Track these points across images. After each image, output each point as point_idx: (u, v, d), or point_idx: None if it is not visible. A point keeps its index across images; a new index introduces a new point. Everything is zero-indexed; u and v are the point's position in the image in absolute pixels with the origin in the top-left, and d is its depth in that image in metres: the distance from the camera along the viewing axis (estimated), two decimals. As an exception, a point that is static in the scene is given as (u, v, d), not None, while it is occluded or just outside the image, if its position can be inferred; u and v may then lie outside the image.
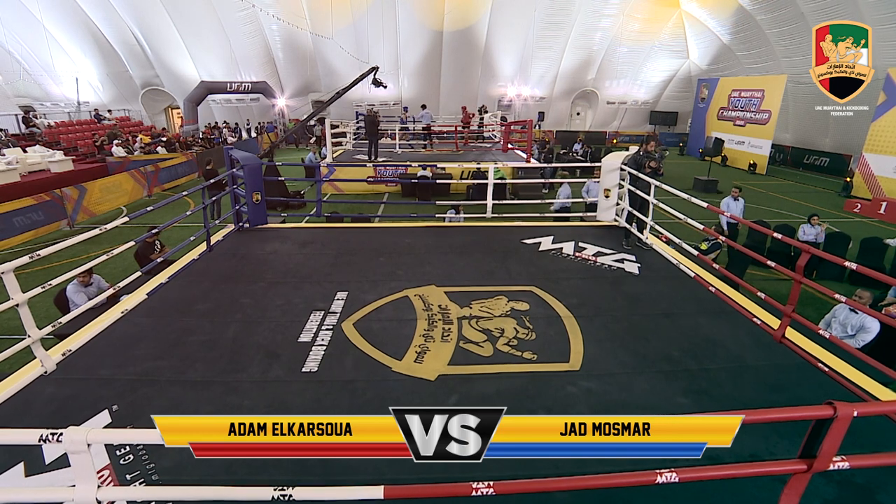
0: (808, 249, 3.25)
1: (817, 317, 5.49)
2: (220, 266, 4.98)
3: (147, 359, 3.32)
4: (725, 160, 19.98)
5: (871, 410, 1.58)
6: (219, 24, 21.46)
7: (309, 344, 3.52)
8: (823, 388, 3.07)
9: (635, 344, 3.58)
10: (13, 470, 2.32)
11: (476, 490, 1.50)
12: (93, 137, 16.76)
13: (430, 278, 4.68)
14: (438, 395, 2.99)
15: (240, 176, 5.91)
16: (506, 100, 25.87)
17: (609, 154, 6.34)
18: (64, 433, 1.33)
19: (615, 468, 2.21)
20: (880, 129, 14.11)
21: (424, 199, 12.33)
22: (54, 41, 20.62)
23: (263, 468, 2.34)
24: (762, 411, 1.50)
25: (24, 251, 8.96)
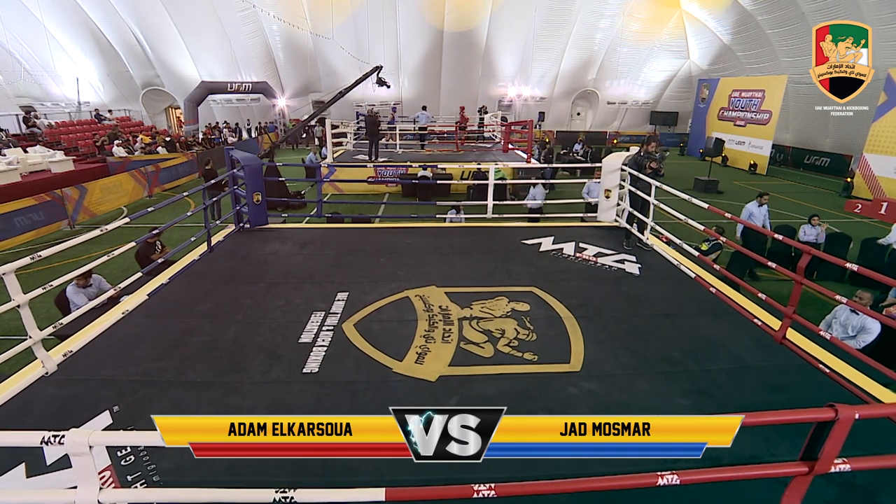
0: (808, 251, 3.25)
1: (818, 317, 5.49)
2: (221, 266, 4.98)
3: (148, 359, 3.32)
4: (726, 160, 19.98)
5: (873, 413, 1.58)
6: (219, 23, 21.47)
7: (310, 345, 3.52)
8: (824, 390, 3.07)
9: (636, 345, 3.58)
10: (14, 471, 2.32)
11: (477, 492, 1.49)
12: (93, 137, 16.77)
13: (431, 279, 4.68)
14: (439, 396, 2.99)
15: (240, 176, 5.91)
16: (506, 100, 25.88)
17: (610, 155, 6.34)
18: (66, 435, 1.33)
19: (616, 470, 2.21)
20: (881, 129, 14.10)
21: (425, 199, 12.34)
22: (55, 41, 20.64)
23: (264, 469, 2.34)
24: (764, 413, 1.50)
25: (25, 251, 8.97)
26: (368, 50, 22.67)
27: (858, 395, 2.97)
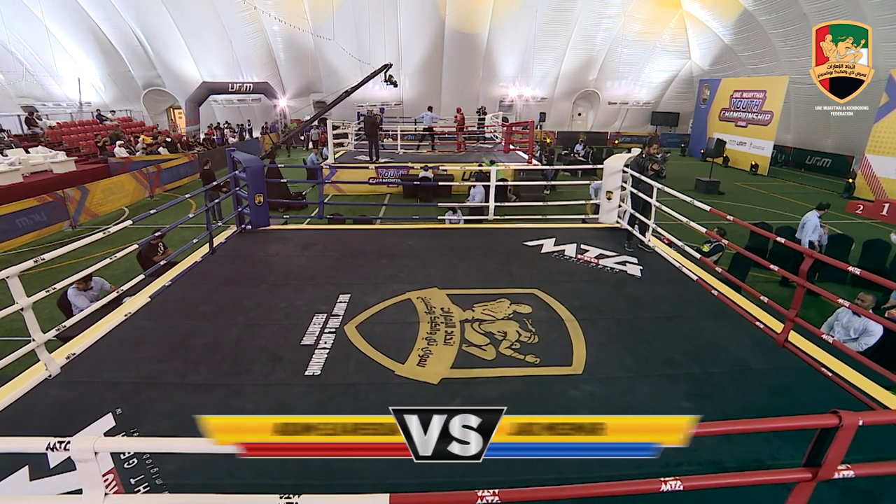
0: (811, 254, 3.25)
1: (819, 319, 5.49)
2: (223, 268, 4.99)
3: (150, 362, 3.32)
4: (727, 161, 19.95)
5: (877, 419, 1.58)
6: (220, 24, 21.48)
7: (312, 347, 3.53)
8: (826, 393, 3.07)
9: (637, 347, 3.58)
10: (18, 473, 2.32)
11: (481, 498, 1.49)
12: (95, 138, 16.79)
13: (433, 281, 4.68)
14: (441, 398, 2.99)
15: (242, 178, 5.92)
16: (507, 100, 25.88)
17: (611, 156, 6.34)
18: (71, 442, 1.34)
19: (619, 474, 2.21)
20: (883, 130, 14.07)
21: (426, 200, 12.33)
22: (56, 42, 20.68)
23: (266, 472, 2.35)
24: (769, 420, 1.50)
25: (27, 252, 8.99)
26: (370, 50, 22.65)
27: (861, 398, 2.97)
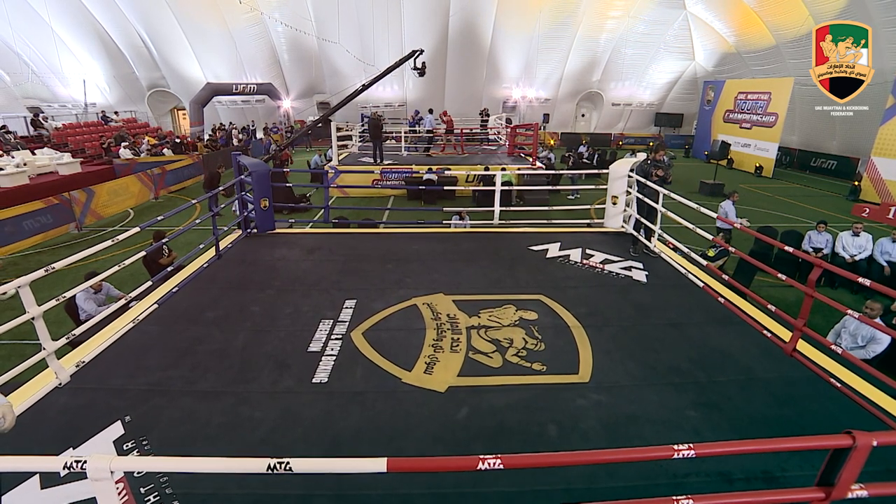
0: (820, 264, 3.24)
1: (826, 325, 5.46)
2: (229, 273, 5.00)
3: (158, 368, 3.34)
4: (731, 163, 19.88)
5: (892, 440, 1.57)
6: (224, 25, 21.55)
7: (319, 354, 3.53)
8: (835, 403, 3.05)
9: (644, 355, 3.57)
10: (29, 482, 2.34)
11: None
12: (100, 139, 16.87)
13: (438, 286, 4.68)
14: (448, 407, 2.99)
15: (248, 182, 5.94)
16: (511, 101, 25.85)
17: (617, 161, 6.32)
18: (87, 462, 1.34)
19: (627, 485, 2.21)
20: (889, 132, 13.97)
21: (430, 202, 12.34)
22: (62, 43, 20.81)
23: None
24: (782, 440, 1.49)
25: (34, 254, 9.05)
26: (373, 52, 22.65)
27: (870, 409, 2.95)
